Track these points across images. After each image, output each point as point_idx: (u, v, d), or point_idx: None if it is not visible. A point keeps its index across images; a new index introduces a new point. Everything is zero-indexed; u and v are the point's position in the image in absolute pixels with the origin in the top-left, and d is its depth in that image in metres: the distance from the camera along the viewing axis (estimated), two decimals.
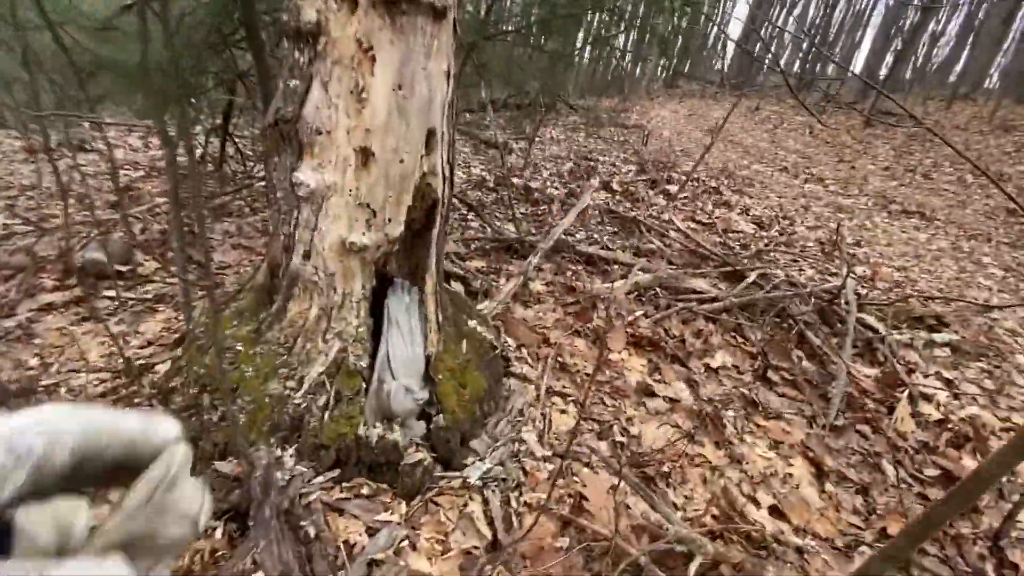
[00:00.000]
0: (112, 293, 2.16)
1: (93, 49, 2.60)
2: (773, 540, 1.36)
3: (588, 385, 1.80)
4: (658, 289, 2.56)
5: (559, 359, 1.93)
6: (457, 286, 2.15)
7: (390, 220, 1.35)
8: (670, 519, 1.32)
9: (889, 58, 15.15)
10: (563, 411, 1.71)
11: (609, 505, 1.30)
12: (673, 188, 5.04)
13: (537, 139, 7.15)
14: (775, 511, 1.51)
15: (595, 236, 3.40)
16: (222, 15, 2.67)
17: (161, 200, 3.44)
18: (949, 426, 1.98)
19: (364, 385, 1.33)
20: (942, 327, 2.83)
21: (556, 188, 4.85)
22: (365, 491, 1.27)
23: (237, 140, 4.46)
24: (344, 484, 1.27)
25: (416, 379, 1.39)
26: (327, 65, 1.21)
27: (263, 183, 3.69)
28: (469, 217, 3.52)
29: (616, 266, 2.87)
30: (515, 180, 4.97)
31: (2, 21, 2.30)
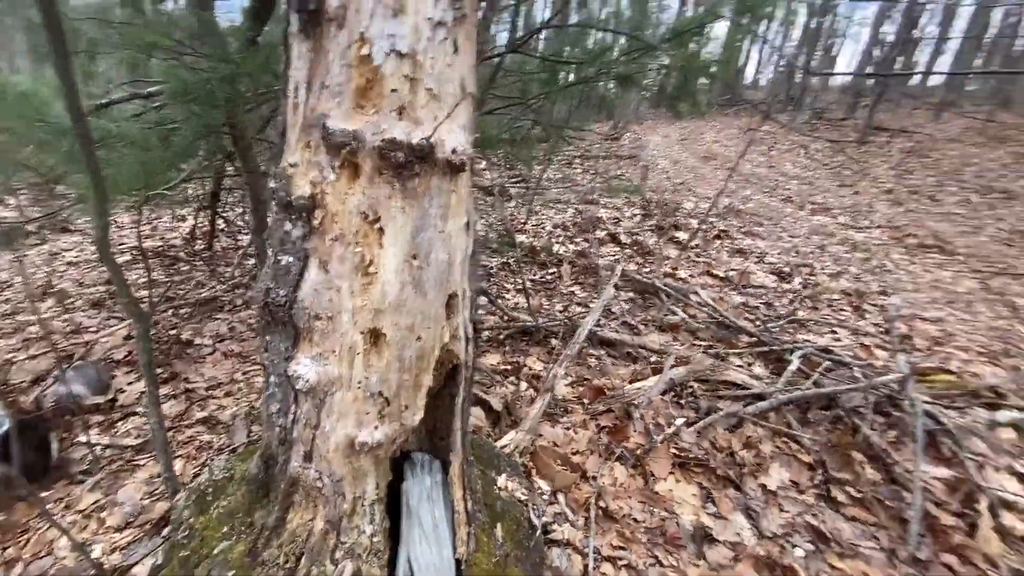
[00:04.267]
0: (93, 438, 1.91)
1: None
2: None
3: None
4: (694, 384, 2.33)
5: (601, 505, 1.68)
6: (477, 413, 1.92)
7: (407, 407, 1.12)
8: None
9: (871, 69, 15.22)
10: None
11: None
12: (682, 235, 4.85)
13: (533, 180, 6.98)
14: None
15: (611, 309, 3.18)
16: (207, 111, 2.53)
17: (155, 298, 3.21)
18: None
19: None
20: (1000, 400, 2.60)
21: (563, 244, 4.66)
22: None
23: (226, 216, 4.27)
24: None
25: None
26: (325, 243, 0.99)
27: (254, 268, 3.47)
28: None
29: (643, 351, 2.64)
30: (519, 237, 4.77)
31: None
